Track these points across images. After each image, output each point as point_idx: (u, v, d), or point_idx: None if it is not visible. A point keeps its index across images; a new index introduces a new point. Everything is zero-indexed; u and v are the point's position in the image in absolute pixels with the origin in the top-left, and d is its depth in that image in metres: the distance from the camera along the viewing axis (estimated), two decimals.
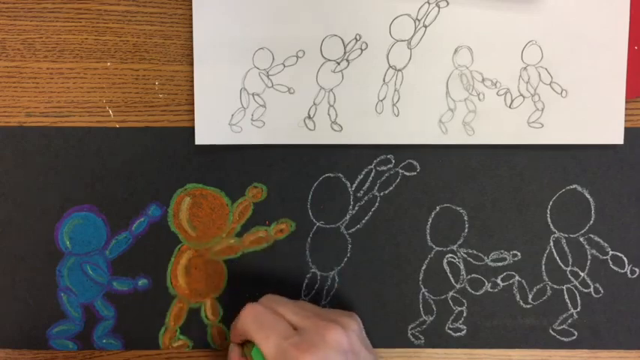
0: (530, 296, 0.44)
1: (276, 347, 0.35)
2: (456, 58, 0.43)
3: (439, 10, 0.42)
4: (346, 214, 0.44)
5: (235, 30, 0.42)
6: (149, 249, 0.44)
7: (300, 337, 0.36)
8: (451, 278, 0.45)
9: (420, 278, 0.44)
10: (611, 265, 0.44)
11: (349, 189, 0.44)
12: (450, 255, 0.44)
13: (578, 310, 0.44)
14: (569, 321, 0.45)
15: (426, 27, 0.42)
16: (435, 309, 0.45)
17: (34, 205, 0.44)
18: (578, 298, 0.44)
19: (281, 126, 0.43)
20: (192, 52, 0.43)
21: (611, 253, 0.44)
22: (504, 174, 0.44)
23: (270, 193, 0.44)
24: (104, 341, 0.45)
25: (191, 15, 0.42)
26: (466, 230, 0.44)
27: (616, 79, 0.43)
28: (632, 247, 0.44)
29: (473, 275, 0.44)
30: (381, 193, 0.44)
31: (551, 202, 0.44)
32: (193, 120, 0.43)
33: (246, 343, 0.40)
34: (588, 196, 0.44)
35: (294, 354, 0.35)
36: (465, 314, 0.45)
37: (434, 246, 0.44)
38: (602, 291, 0.44)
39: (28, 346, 0.45)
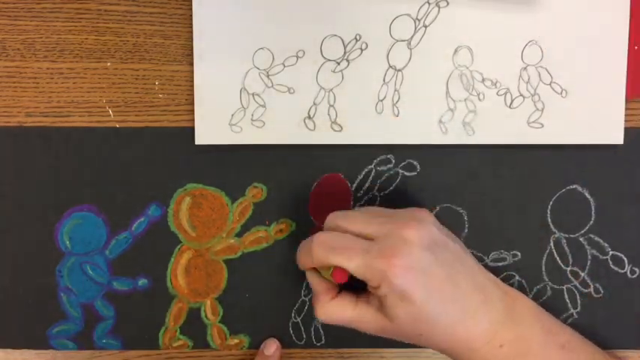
0: (530, 296, 0.44)
1: (361, 264, 0.35)
2: (456, 58, 0.43)
3: (439, 10, 0.42)
4: None
5: (235, 30, 0.42)
6: (149, 249, 0.44)
7: (380, 246, 0.35)
8: None
9: None
10: (611, 265, 0.44)
11: (349, 189, 0.44)
12: None
13: (578, 310, 0.44)
14: (569, 321, 0.45)
15: (426, 27, 0.42)
16: None
17: (34, 205, 0.44)
18: (578, 298, 0.45)
19: (281, 126, 0.43)
20: (192, 52, 0.43)
21: (611, 253, 0.44)
22: (504, 174, 0.44)
23: (270, 193, 0.44)
24: (104, 341, 0.45)
25: (191, 15, 0.42)
26: (466, 230, 0.44)
27: (616, 79, 0.43)
28: (632, 247, 0.44)
29: None
30: (381, 193, 0.44)
31: (551, 202, 0.44)
32: (193, 120, 0.43)
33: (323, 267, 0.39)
34: (588, 196, 0.44)
35: (380, 263, 0.34)
36: None
37: None
38: (602, 291, 0.44)
39: (28, 346, 0.45)
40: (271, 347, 0.44)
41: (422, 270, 0.35)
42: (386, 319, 0.36)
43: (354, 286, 0.38)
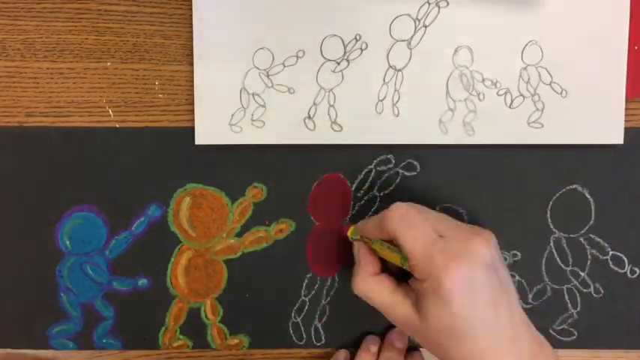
0: (530, 296, 0.44)
1: (423, 250, 0.35)
2: (456, 58, 0.43)
3: (439, 10, 0.42)
4: (346, 214, 0.44)
5: (235, 30, 0.42)
6: (149, 249, 0.44)
7: (446, 245, 0.35)
8: None
9: None
10: (611, 265, 0.44)
11: (349, 189, 0.44)
12: None
13: (578, 310, 0.44)
14: (569, 321, 0.45)
15: (426, 27, 0.42)
16: None
17: (34, 205, 0.44)
18: (578, 298, 0.44)
19: (281, 126, 0.43)
20: (192, 52, 0.43)
21: (611, 253, 0.44)
22: (504, 174, 0.44)
23: (270, 193, 0.44)
24: (104, 341, 0.45)
25: (191, 15, 0.42)
26: None
27: (616, 79, 0.43)
28: (632, 247, 0.44)
29: None
30: (381, 193, 0.44)
31: (551, 202, 0.44)
32: (193, 120, 0.43)
33: (374, 242, 0.39)
34: (588, 196, 0.44)
35: (441, 261, 0.34)
36: None
37: None
38: (602, 291, 0.44)
39: (28, 346, 0.45)
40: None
41: (473, 286, 0.34)
42: (416, 316, 0.36)
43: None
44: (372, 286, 0.39)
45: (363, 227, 0.40)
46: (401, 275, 0.40)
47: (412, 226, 0.36)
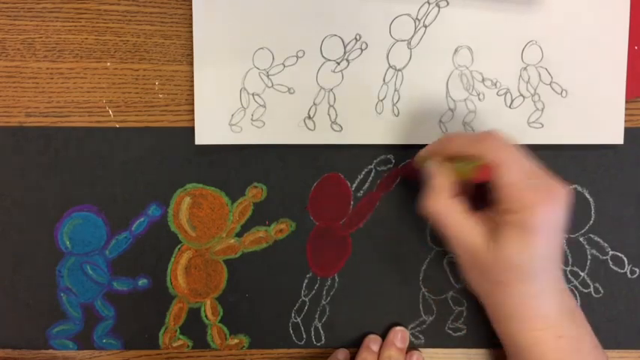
0: None
1: (522, 180, 0.35)
2: (456, 58, 0.43)
3: (439, 10, 0.42)
4: (346, 214, 0.44)
5: (235, 30, 0.42)
6: (149, 249, 0.44)
7: (544, 182, 0.36)
8: (451, 278, 0.45)
9: (420, 278, 0.44)
10: (611, 265, 0.44)
11: (349, 189, 0.44)
12: (450, 255, 0.44)
13: None
14: None
15: (426, 27, 0.42)
16: (435, 309, 0.45)
17: (34, 205, 0.44)
18: (578, 298, 0.44)
19: (281, 126, 0.43)
20: (192, 52, 0.43)
21: (611, 253, 0.44)
22: None
23: (270, 193, 0.44)
24: (104, 341, 0.45)
25: (191, 15, 0.42)
26: None
27: (616, 79, 0.43)
28: (632, 247, 0.44)
29: None
30: (381, 193, 0.44)
31: None
32: (193, 120, 0.43)
33: (455, 160, 0.38)
34: (588, 196, 0.44)
35: (534, 197, 0.35)
36: (464, 314, 0.45)
37: (434, 246, 0.44)
38: (602, 291, 0.44)
39: (28, 346, 0.45)
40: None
41: (555, 230, 0.35)
42: (485, 246, 0.36)
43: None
44: (447, 207, 0.37)
45: (447, 142, 0.38)
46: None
47: (512, 156, 0.36)
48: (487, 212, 0.37)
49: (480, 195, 0.38)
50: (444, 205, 0.37)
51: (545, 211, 0.35)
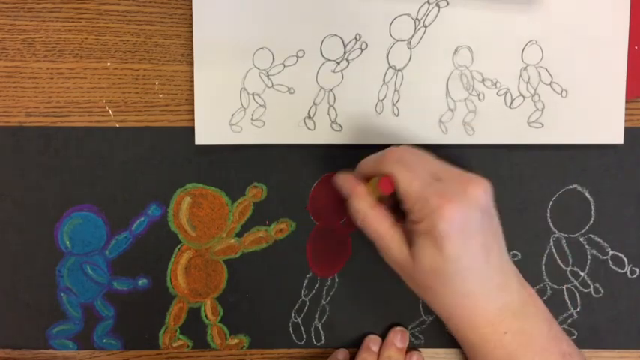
0: None
1: (419, 191, 0.35)
2: (456, 58, 0.43)
3: (439, 10, 0.42)
4: (347, 214, 0.44)
5: (235, 30, 0.42)
6: (149, 249, 0.44)
7: (442, 186, 0.35)
8: None
9: None
10: (611, 265, 0.44)
11: None
12: None
13: (578, 309, 0.44)
14: (569, 321, 0.45)
15: (426, 27, 0.42)
16: None
17: (34, 205, 0.44)
18: (578, 297, 0.45)
19: (281, 126, 0.43)
20: (192, 52, 0.43)
21: (611, 253, 0.44)
22: (504, 174, 0.44)
23: (270, 193, 0.44)
24: (104, 341, 0.45)
25: (191, 15, 0.42)
26: None
27: (616, 79, 0.43)
28: (632, 247, 0.44)
29: None
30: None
31: (551, 202, 0.44)
32: (193, 120, 0.43)
33: (368, 181, 0.39)
34: (588, 196, 0.44)
35: (436, 202, 0.34)
36: None
37: None
38: (602, 291, 0.44)
39: (28, 346, 0.45)
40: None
41: (467, 228, 0.34)
42: (409, 257, 0.36)
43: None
44: (376, 215, 0.38)
45: (363, 165, 0.39)
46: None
47: (408, 167, 0.36)
48: (406, 224, 0.37)
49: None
50: (374, 212, 0.38)
51: (451, 212, 0.34)
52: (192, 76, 0.43)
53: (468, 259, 0.35)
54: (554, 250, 0.44)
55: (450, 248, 0.34)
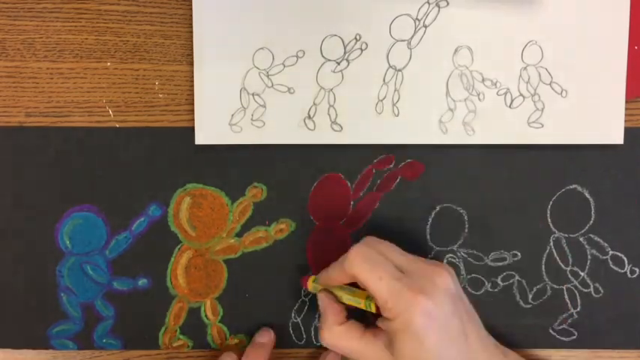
0: (530, 296, 0.44)
1: (390, 288, 0.35)
2: (456, 58, 0.43)
3: (439, 10, 0.42)
4: (346, 214, 0.44)
5: (235, 30, 0.42)
6: (149, 249, 0.44)
7: (410, 279, 0.36)
8: None
9: None
10: (611, 265, 0.44)
11: (349, 189, 0.44)
12: (450, 255, 0.44)
13: (578, 310, 0.44)
14: (569, 321, 0.45)
15: (426, 27, 0.42)
16: None
17: (34, 205, 0.44)
18: (578, 298, 0.45)
19: (281, 126, 0.43)
20: (192, 52, 0.43)
21: (611, 253, 0.44)
22: (504, 174, 0.44)
23: (270, 193, 0.44)
24: (104, 341, 0.45)
25: (191, 15, 0.42)
26: (466, 230, 0.44)
27: (616, 79, 0.43)
28: (632, 247, 0.44)
29: (473, 275, 0.44)
30: (381, 194, 0.44)
31: (551, 202, 0.44)
32: (193, 120, 0.43)
33: (336, 289, 0.40)
34: (588, 196, 0.44)
35: (407, 295, 0.35)
36: None
37: (434, 246, 0.44)
38: (602, 291, 0.44)
39: (28, 346, 0.45)
40: (264, 336, 0.44)
41: (442, 317, 0.35)
42: (390, 357, 0.36)
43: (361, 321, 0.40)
44: (340, 335, 0.39)
45: (325, 275, 0.40)
46: (367, 319, 0.40)
47: (374, 266, 0.36)
48: (381, 322, 0.38)
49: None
50: (338, 334, 0.39)
51: (426, 305, 0.35)
52: (192, 76, 0.43)
53: (450, 347, 0.35)
54: (554, 250, 0.44)
55: (430, 340, 0.34)
